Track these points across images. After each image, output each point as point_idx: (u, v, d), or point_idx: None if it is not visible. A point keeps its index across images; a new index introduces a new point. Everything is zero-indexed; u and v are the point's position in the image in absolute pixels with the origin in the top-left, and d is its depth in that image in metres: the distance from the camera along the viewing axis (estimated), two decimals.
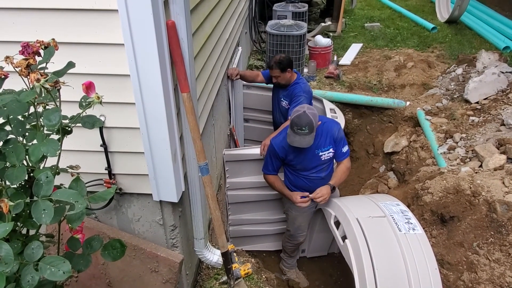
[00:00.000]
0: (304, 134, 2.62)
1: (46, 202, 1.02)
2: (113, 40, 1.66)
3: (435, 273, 2.40)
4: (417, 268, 2.38)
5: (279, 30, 5.05)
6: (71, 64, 1.35)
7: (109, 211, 2.19)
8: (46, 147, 1.13)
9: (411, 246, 2.47)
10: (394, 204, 2.79)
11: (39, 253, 1.02)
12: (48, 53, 1.25)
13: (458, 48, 6.23)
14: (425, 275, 2.37)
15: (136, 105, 1.78)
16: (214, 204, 2.16)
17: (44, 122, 1.16)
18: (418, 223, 2.64)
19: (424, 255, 2.44)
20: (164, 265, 2.11)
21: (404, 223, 2.60)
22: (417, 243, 2.49)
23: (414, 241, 2.50)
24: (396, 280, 2.38)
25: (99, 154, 1.95)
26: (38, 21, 1.66)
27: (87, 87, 1.24)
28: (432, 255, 2.46)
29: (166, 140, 1.86)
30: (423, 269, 2.39)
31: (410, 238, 2.51)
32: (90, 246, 1.28)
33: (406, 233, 2.53)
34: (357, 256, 2.49)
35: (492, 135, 3.79)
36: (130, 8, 1.54)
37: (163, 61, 1.71)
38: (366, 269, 2.38)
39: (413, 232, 2.54)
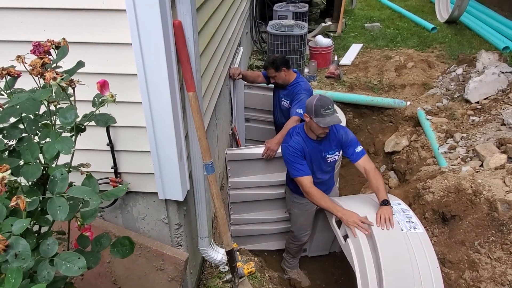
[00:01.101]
0: (331, 112, 2.67)
1: (61, 199, 1.03)
2: (121, 40, 1.67)
3: (437, 271, 2.41)
4: (418, 267, 2.40)
5: (280, 30, 5.07)
6: (81, 64, 1.37)
7: (114, 210, 2.21)
8: (61, 144, 1.15)
9: (412, 244, 2.49)
10: (395, 203, 2.80)
11: (54, 249, 1.03)
12: (62, 52, 1.27)
13: (458, 48, 6.25)
14: (426, 273, 2.39)
15: (142, 104, 1.79)
16: (219, 203, 2.17)
17: (60, 120, 1.17)
18: (419, 222, 2.65)
19: (425, 254, 2.46)
20: (169, 263, 2.12)
21: (405, 222, 2.62)
22: (418, 241, 2.51)
23: (415, 240, 2.51)
24: (398, 278, 2.39)
25: (105, 153, 1.96)
26: (46, 20, 1.67)
27: (102, 85, 1.26)
28: (433, 253, 2.48)
29: (172, 139, 1.88)
30: (424, 267, 2.40)
31: (411, 237, 2.52)
32: (100, 244, 1.29)
33: (407, 231, 2.55)
34: (359, 255, 2.50)
35: (493, 135, 3.81)
36: (138, 8, 1.56)
37: (170, 61, 1.72)
38: (368, 268, 2.39)
39: (414, 231, 2.56)
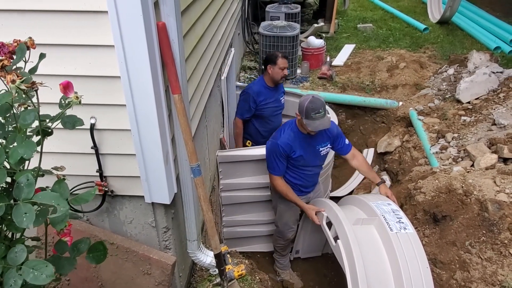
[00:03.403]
0: (322, 115, 2.72)
1: (27, 205, 1.00)
2: (103, 42, 1.65)
3: (427, 271, 2.41)
4: (408, 267, 2.39)
5: (272, 31, 5.06)
6: (42, 56, 1.33)
7: (101, 214, 2.18)
8: (24, 148, 1.12)
9: (402, 245, 2.49)
10: (386, 204, 2.80)
11: (22, 257, 1.01)
12: (20, 51, 1.22)
13: (449, 49, 6.28)
14: (416, 274, 2.38)
15: (127, 106, 1.77)
16: (207, 206, 2.15)
17: (20, 123, 1.15)
18: (409, 223, 2.65)
19: (415, 254, 2.45)
20: (156, 267, 2.10)
21: (396, 223, 2.61)
22: (408, 242, 2.50)
23: (405, 240, 2.51)
24: (388, 279, 2.39)
25: (90, 156, 1.93)
26: (27, 22, 1.65)
27: (65, 87, 1.22)
28: (423, 254, 2.47)
29: (158, 141, 1.86)
30: (414, 268, 2.40)
31: (401, 238, 2.52)
32: (77, 249, 1.27)
33: (397, 232, 2.55)
34: (349, 256, 2.50)
35: (484, 135, 3.82)
36: (119, 9, 1.54)
37: (154, 63, 1.70)
38: (358, 269, 2.38)
39: (404, 232, 2.56)
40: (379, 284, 2.38)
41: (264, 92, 3.73)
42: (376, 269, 2.43)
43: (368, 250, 2.51)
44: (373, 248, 2.55)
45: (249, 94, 3.70)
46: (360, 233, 2.59)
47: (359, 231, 2.60)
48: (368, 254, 2.48)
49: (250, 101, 3.69)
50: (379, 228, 2.64)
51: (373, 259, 2.46)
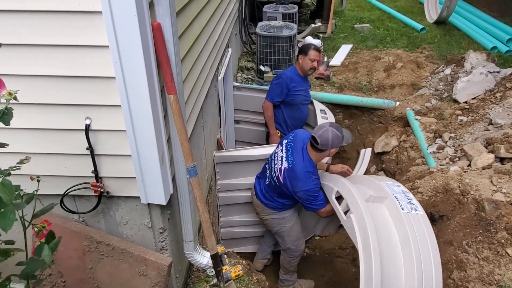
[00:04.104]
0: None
1: None
2: (98, 42, 1.65)
3: (436, 253, 2.36)
4: (419, 247, 2.34)
5: (269, 32, 5.06)
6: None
7: (96, 215, 2.17)
8: None
9: (414, 225, 2.42)
10: (395, 185, 2.75)
11: None
12: None
13: (446, 49, 6.29)
14: (426, 255, 2.32)
15: (122, 107, 1.76)
16: (203, 206, 2.15)
17: None
18: (419, 205, 2.60)
19: (426, 235, 2.40)
20: (152, 268, 2.09)
21: (407, 203, 2.56)
22: (419, 223, 2.45)
23: (416, 221, 2.45)
24: (398, 256, 2.33)
25: (85, 157, 1.92)
26: (21, 23, 1.64)
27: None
28: (433, 235, 2.42)
29: (153, 142, 1.85)
30: (425, 248, 2.34)
31: (413, 218, 2.46)
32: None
33: (409, 212, 2.48)
34: (362, 229, 2.41)
35: (481, 134, 3.82)
36: (114, 9, 1.53)
37: (149, 63, 1.70)
38: (371, 242, 2.29)
39: (415, 213, 2.50)
40: (389, 260, 2.31)
41: (297, 79, 3.81)
42: (387, 246, 2.36)
43: (379, 226, 2.42)
44: (384, 225, 2.47)
45: (283, 79, 3.77)
46: (372, 209, 2.52)
47: (370, 208, 2.53)
48: (380, 230, 2.41)
49: (283, 86, 3.76)
50: (390, 207, 2.56)
51: (384, 235, 2.39)
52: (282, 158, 2.93)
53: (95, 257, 2.12)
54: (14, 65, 1.70)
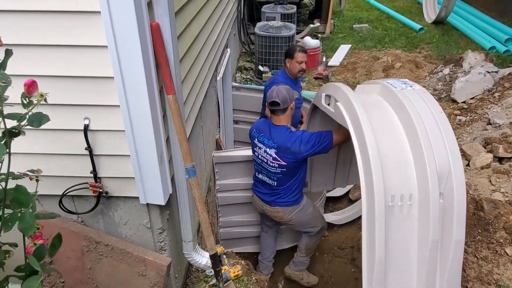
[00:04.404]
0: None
1: None
2: (96, 42, 1.64)
3: (442, 116, 2.12)
4: (420, 116, 2.09)
5: (268, 32, 5.07)
6: (9, 53, 1.29)
7: (95, 215, 2.17)
8: None
9: (410, 97, 2.21)
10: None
11: None
12: None
13: (445, 49, 6.30)
14: (430, 120, 2.10)
15: (121, 107, 1.76)
16: (202, 206, 2.15)
17: None
18: (418, 85, 2.38)
19: (425, 102, 2.17)
20: (151, 268, 2.09)
21: (400, 84, 2.37)
22: (416, 95, 2.24)
23: (413, 94, 2.25)
24: (397, 131, 2.13)
25: (84, 158, 1.92)
26: (19, 23, 1.64)
27: (29, 86, 1.19)
28: (435, 102, 2.18)
29: (152, 142, 1.85)
30: (427, 115, 2.11)
31: (408, 92, 2.27)
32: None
33: (402, 89, 2.30)
34: (352, 115, 2.19)
35: (479, 134, 3.83)
36: (112, 9, 1.53)
37: (148, 63, 1.70)
38: (362, 122, 2.07)
39: (410, 88, 2.31)
40: (388, 137, 2.09)
41: (289, 83, 3.72)
42: (382, 123, 2.14)
43: (371, 109, 2.21)
44: (376, 107, 2.28)
45: (278, 84, 3.69)
46: (362, 98, 2.34)
47: (360, 97, 2.35)
48: (372, 110, 2.20)
49: None
50: (383, 91, 2.37)
51: (378, 114, 2.18)
52: (266, 151, 2.92)
53: (94, 258, 2.11)
54: (12, 65, 1.69)
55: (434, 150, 1.99)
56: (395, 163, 2.05)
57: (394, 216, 1.97)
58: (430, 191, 1.93)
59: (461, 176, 1.96)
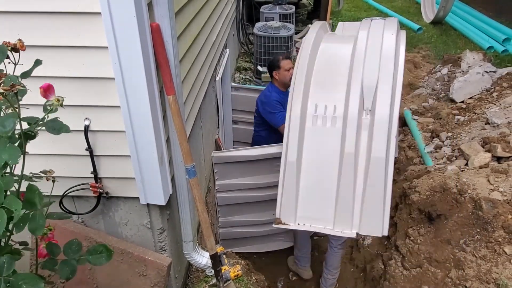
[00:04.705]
0: None
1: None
2: (97, 43, 1.65)
3: (389, 40, 2.09)
4: (367, 39, 2.13)
5: (267, 32, 5.07)
6: (38, 62, 1.32)
7: (96, 215, 2.17)
8: (8, 154, 1.10)
9: (371, 25, 2.23)
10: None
11: (11, 268, 0.99)
12: (1, 53, 1.19)
13: (443, 49, 6.32)
14: (375, 44, 2.11)
15: (121, 108, 1.77)
16: (202, 207, 2.15)
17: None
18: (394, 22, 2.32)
19: (382, 29, 2.17)
20: (152, 268, 2.10)
21: (379, 19, 2.38)
22: (380, 23, 2.24)
23: (377, 23, 2.26)
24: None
25: (84, 158, 1.93)
26: (20, 24, 1.64)
27: (45, 89, 1.20)
28: (392, 31, 2.15)
29: (152, 143, 1.86)
30: (374, 39, 2.13)
31: (374, 22, 2.28)
32: (72, 251, 1.25)
33: (373, 20, 2.31)
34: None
35: (477, 134, 3.84)
36: (113, 11, 1.54)
37: (148, 64, 1.70)
38: (305, 40, 2.32)
39: (381, 19, 2.31)
40: (328, 56, 2.22)
41: (282, 98, 3.56)
42: (331, 48, 2.27)
43: (331, 38, 2.39)
44: (338, 37, 2.41)
45: (272, 100, 3.55)
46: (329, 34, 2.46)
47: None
48: (332, 39, 2.36)
49: (277, 105, 3.51)
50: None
51: (334, 40, 2.34)
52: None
53: None
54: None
55: (364, 70, 2.03)
56: (326, 77, 2.13)
57: (317, 125, 2.05)
58: (350, 106, 2.01)
59: (386, 96, 1.97)
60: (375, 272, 3.38)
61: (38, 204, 1.15)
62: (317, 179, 2.07)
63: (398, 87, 1.96)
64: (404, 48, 2.14)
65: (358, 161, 1.97)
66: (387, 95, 1.93)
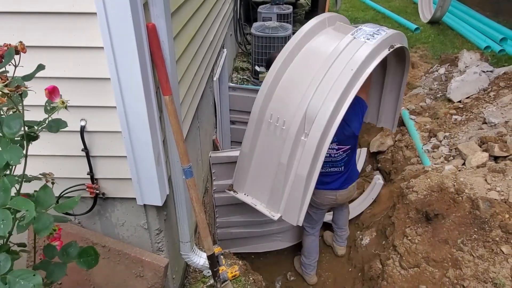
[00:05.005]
0: None
1: (4, 212, 0.98)
2: (93, 44, 1.64)
3: (348, 73, 2.20)
4: (332, 64, 2.27)
5: (264, 32, 5.07)
6: (41, 67, 1.32)
7: (92, 216, 2.17)
8: (10, 154, 1.09)
9: (346, 46, 2.32)
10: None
11: (6, 267, 0.99)
12: (8, 55, 1.20)
13: (440, 48, 6.33)
14: (336, 71, 2.24)
15: (117, 108, 1.76)
16: (199, 207, 2.15)
17: (4, 130, 1.12)
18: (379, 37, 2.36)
19: (350, 57, 2.26)
20: (149, 269, 2.09)
21: (368, 34, 2.39)
22: (355, 46, 2.30)
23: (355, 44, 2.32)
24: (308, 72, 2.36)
25: (80, 159, 1.92)
26: (15, 25, 1.63)
27: (50, 91, 1.21)
28: (360, 59, 2.24)
29: (149, 143, 1.85)
30: (338, 65, 2.26)
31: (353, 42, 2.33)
32: (67, 254, 1.25)
33: (355, 38, 2.36)
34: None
35: (475, 133, 3.85)
36: (108, 11, 1.53)
37: (144, 64, 1.70)
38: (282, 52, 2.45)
39: (363, 39, 2.34)
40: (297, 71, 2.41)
41: None
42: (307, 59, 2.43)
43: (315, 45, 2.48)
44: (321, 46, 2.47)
45: None
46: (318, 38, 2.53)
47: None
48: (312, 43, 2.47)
49: None
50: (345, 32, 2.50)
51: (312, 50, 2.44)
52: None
53: None
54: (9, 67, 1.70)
55: (314, 97, 2.28)
56: (287, 92, 2.44)
57: (269, 130, 2.50)
58: (293, 126, 2.34)
59: (318, 128, 2.25)
60: (373, 272, 3.38)
61: (48, 204, 1.15)
62: (262, 168, 2.60)
63: (338, 117, 2.27)
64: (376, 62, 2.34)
65: (290, 170, 2.41)
66: (317, 128, 2.26)
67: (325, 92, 2.24)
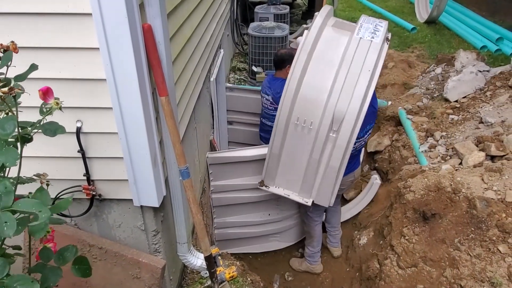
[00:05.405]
0: None
1: (7, 214, 0.97)
2: (88, 44, 1.64)
3: (367, 75, 2.46)
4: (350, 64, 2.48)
5: (261, 32, 5.07)
6: (34, 67, 1.31)
7: (89, 218, 2.16)
8: (5, 156, 1.09)
9: (357, 47, 2.53)
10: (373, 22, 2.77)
11: (4, 271, 0.98)
12: (6, 58, 1.19)
13: (437, 48, 6.34)
14: (354, 71, 2.48)
15: (113, 109, 1.75)
16: (196, 208, 2.14)
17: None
18: (381, 35, 2.59)
19: (363, 59, 2.49)
20: (146, 271, 2.08)
21: (369, 32, 2.59)
22: (365, 46, 2.52)
23: (363, 45, 2.53)
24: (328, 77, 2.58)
25: (77, 160, 1.91)
26: (10, 26, 1.63)
27: (44, 93, 1.20)
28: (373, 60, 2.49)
29: (145, 144, 1.84)
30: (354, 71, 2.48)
31: (361, 43, 2.54)
32: (62, 258, 1.23)
33: (361, 38, 2.56)
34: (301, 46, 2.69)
35: (471, 133, 3.86)
36: (104, 12, 1.52)
37: (140, 65, 1.69)
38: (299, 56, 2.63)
39: (368, 39, 2.54)
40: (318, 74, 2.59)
41: None
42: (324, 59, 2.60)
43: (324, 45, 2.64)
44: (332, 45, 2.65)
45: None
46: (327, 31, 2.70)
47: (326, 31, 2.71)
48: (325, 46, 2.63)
49: None
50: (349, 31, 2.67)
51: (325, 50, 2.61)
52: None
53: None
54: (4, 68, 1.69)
55: (339, 100, 2.54)
56: (312, 95, 2.66)
57: (297, 130, 2.74)
58: (322, 126, 2.64)
59: (348, 126, 2.58)
60: (370, 272, 3.38)
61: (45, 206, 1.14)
62: (291, 163, 2.90)
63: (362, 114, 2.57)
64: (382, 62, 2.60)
65: (321, 163, 2.78)
66: (347, 128, 2.61)
67: (349, 94, 2.50)
